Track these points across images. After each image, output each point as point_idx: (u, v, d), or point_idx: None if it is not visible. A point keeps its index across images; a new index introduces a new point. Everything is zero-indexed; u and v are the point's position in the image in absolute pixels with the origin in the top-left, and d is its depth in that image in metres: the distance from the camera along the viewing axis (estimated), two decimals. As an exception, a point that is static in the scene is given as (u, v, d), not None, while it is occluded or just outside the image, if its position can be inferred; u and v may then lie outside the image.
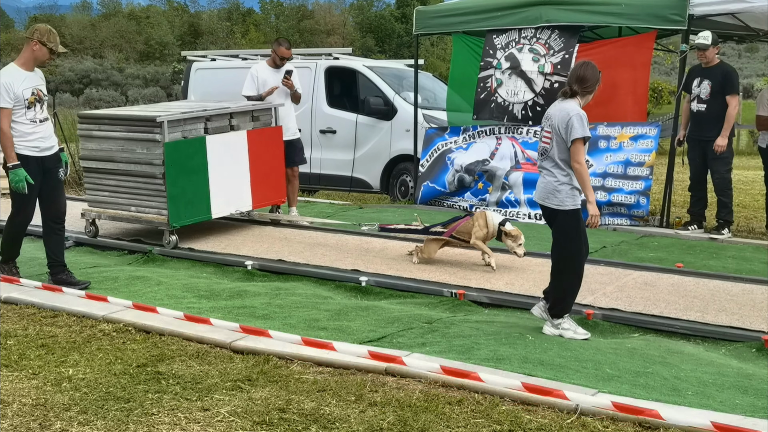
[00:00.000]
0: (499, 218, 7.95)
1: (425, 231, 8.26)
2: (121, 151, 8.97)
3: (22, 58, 7.16)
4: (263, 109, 9.97)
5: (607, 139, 10.54)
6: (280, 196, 10.19)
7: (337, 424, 4.40)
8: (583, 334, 6.11)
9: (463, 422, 4.45)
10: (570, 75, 6.12)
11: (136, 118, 9.03)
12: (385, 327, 6.20)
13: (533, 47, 11.15)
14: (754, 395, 5.05)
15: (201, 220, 9.17)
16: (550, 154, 6.03)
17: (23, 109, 7.04)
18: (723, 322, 6.48)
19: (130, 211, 9.14)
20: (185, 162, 8.84)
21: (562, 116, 5.92)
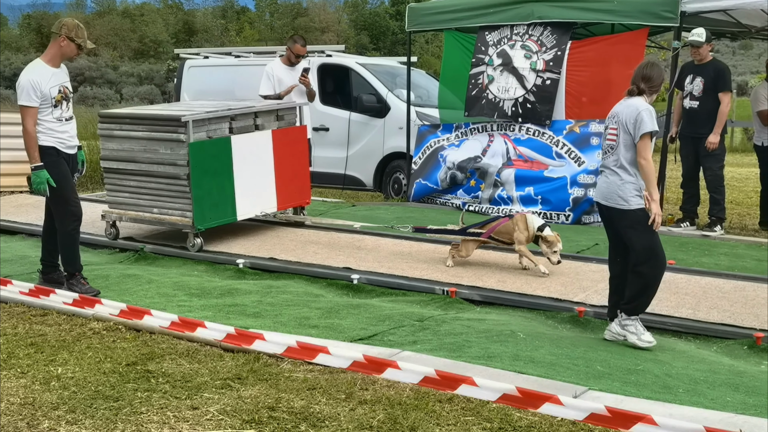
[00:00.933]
0: (539, 222, 7.74)
1: (462, 232, 8.05)
2: (143, 152, 8.74)
3: (48, 53, 6.90)
4: (288, 108, 9.76)
5: (599, 135, 10.53)
6: (305, 197, 9.99)
7: (326, 423, 4.38)
8: (647, 342, 5.90)
9: (453, 420, 4.44)
10: (635, 74, 5.97)
11: (159, 118, 8.79)
12: (376, 325, 6.18)
13: (525, 44, 11.13)
14: (745, 392, 5.04)
15: (226, 222, 8.95)
16: (616, 152, 5.87)
17: (50, 108, 6.80)
18: (715, 319, 6.48)
19: (153, 213, 8.90)
20: (210, 162, 8.63)
21: (631, 111, 5.81)
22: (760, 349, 5.95)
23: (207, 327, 5.86)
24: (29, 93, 6.68)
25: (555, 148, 10.78)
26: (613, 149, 5.91)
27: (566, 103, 10.90)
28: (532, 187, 10.75)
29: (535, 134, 10.97)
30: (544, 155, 10.83)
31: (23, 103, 6.70)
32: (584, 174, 10.47)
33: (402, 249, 8.72)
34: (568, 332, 6.35)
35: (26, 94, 6.69)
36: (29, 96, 6.69)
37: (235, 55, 15.42)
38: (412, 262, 8.16)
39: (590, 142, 10.58)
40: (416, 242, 9.00)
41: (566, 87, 10.90)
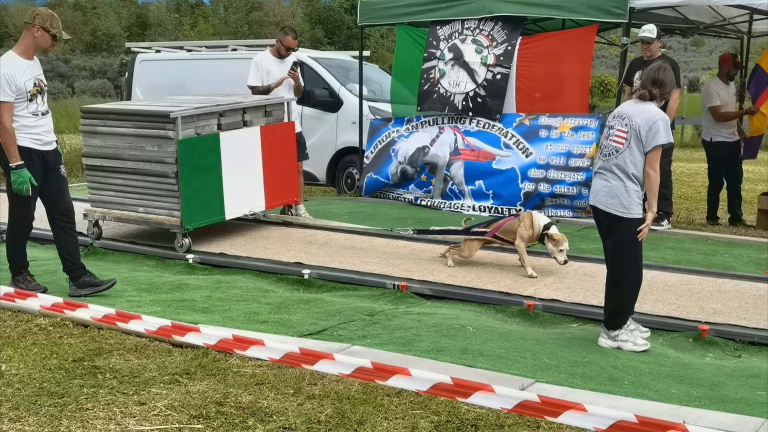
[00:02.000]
0: (545, 220, 7.62)
1: (467, 232, 7.90)
2: (128, 149, 8.43)
3: (21, 45, 6.57)
4: (276, 104, 9.51)
5: (548, 128, 10.62)
6: (293, 195, 9.74)
7: (274, 417, 4.38)
8: (643, 345, 5.84)
9: (402, 414, 4.45)
10: (646, 77, 5.77)
11: (146, 114, 8.47)
12: (326, 320, 6.18)
13: (476, 38, 11.19)
14: (689, 384, 5.12)
15: (214, 221, 8.68)
16: (621, 156, 5.67)
17: (25, 102, 6.47)
18: (660, 312, 6.57)
19: (138, 213, 8.60)
20: (199, 160, 8.34)
21: (647, 118, 5.59)
22: (705, 342, 6.05)
23: (142, 319, 5.87)
24: (4, 88, 6.37)
25: (503, 138, 10.85)
26: (618, 152, 5.69)
27: (517, 98, 10.97)
28: (482, 180, 10.80)
29: (485, 126, 11.03)
30: (492, 145, 10.89)
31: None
32: (534, 168, 10.55)
33: (354, 244, 8.73)
34: (518, 326, 6.40)
35: (1, 89, 6.37)
36: (5, 91, 6.37)
37: (187, 49, 15.32)
38: (363, 256, 8.17)
39: (539, 134, 10.68)
40: (368, 237, 9.02)
41: (517, 82, 10.97)
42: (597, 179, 5.88)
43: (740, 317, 6.41)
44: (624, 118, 5.71)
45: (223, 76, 13.83)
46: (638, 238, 5.71)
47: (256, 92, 9.88)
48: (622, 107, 5.87)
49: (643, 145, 5.62)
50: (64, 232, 6.82)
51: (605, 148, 5.81)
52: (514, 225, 7.66)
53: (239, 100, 9.21)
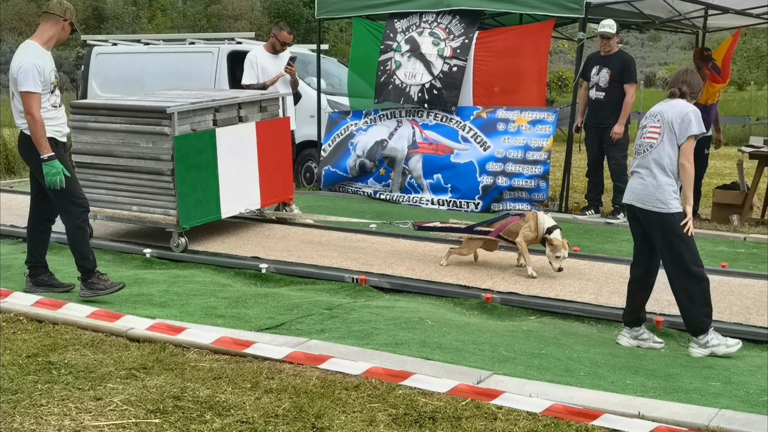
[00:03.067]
0: (549, 223, 7.39)
1: (469, 230, 7.70)
2: (121, 145, 8.12)
3: (44, 35, 6.35)
4: (271, 99, 9.23)
5: (506, 122, 10.68)
6: (288, 192, 9.50)
7: (232, 411, 4.36)
8: (735, 344, 5.73)
9: (359, 407, 4.46)
10: (675, 79, 5.93)
11: (140, 109, 8.17)
12: (284, 314, 6.17)
13: (434, 31, 11.21)
14: (644, 375, 5.18)
15: (211, 220, 8.44)
16: (656, 151, 5.71)
17: (48, 94, 6.29)
18: (616, 304, 6.62)
19: (132, 211, 8.31)
20: (195, 157, 8.07)
21: (678, 111, 5.70)
22: (660, 333, 6.12)
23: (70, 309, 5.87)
24: (35, 78, 6.14)
25: (461, 132, 10.88)
26: (652, 147, 5.74)
27: (474, 92, 11.01)
28: (440, 174, 10.83)
29: (442, 120, 11.05)
30: (450, 139, 10.92)
31: (29, 89, 6.15)
32: (492, 161, 10.60)
33: (312, 238, 8.72)
34: (476, 318, 6.43)
35: (32, 79, 6.14)
36: (35, 81, 6.15)
37: (144, 43, 15.18)
38: (322, 250, 8.16)
39: (497, 127, 10.73)
40: (326, 231, 9.01)
41: (474, 76, 11.01)
42: (632, 178, 5.92)
43: (694, 309, 6.48)
44: (656, 116, 5.81)
45: (181, 69, 13.72)
46: (687, 232, 5.69)
47: (253, 90, 9.63)
48: (655, 107, 5.92)
49: (676, 138, 5.68)
50: (43, 229, 6.74)
51: (640, 146, 5.86)
52: (519, 225, 7.47)
53: (235, 94, 8.97)
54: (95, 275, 6.48)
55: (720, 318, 6.27)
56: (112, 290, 6.45)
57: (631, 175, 5.98)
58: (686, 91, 5.84)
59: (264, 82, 9.68)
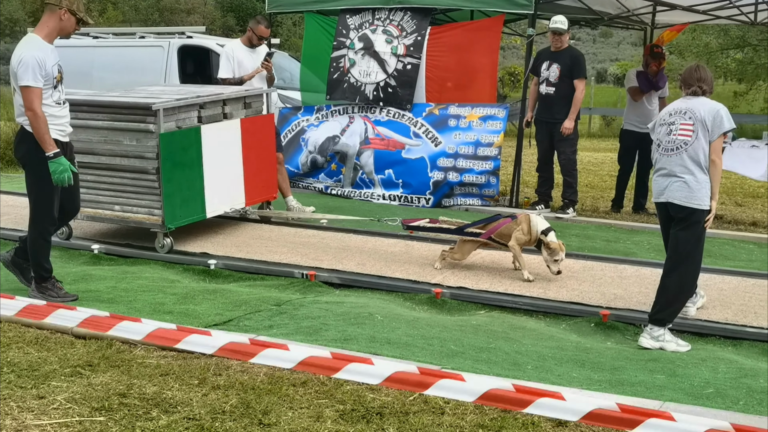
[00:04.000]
0: (543, 225, 7.22)
1: (459, 231, 7.52)
2: (103, 143, 7.84)
3: (45, 28, 6.09)
4: (255, 95, 8.98)
5: (457, 118, 10.72)
6: (272, 191, 9.25)
7: (178, 408, 4.34)
8: (685, 346, 5.79)
9: (307, 403, 4.46)
10: (687, 77, 5.99)
11: (123, 106, 7.87)
12: (232, 310, 6.14)
13: (386, 29, 11.21)
14: (590, 368, 5.23)
15: (196, 220, 8.18)
16: (691, 148, 5.77)
17: (50, 90, 6.04)
18: (564, 298, 6.69)
19: (114, 211, 8.06)
20: (180, 155, 7.84)
21: (709, 108, 5.80)
22: (606, 326, 6.18)
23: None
24: (35, 72, 5.90)
25: (413, 128, 10.90)
26: (687, 144, 5.79)
27: (426, 88, 11.03)
28: (391, 169, 10.84)
29: (395, 116, 11.06)
30: (402, 135, 10.94)
31: (29, 84, 5.90)
32: (443, 157, 10.63)
33: (262, 233, 8.68)
34: (425, 313, 6.44)
35: (32, 72, 5.89)
36: (36, 75, 5.90)
37: (94, 36, 15.01)
38: (271, 246, 8.13)
39: (448, 123, 10.77)
40: (276, 226, 8.98)
41: (427, 71, 11.03)
42: (662, 177, 5.93)
43: (640, 302, 6.57)
44: (685, 113, 5.87)
45: (131, 63, 13.60)
46: (705, 227, 5.82)
47: (228, 85, 9.49)
48: (677, 104, 5.99)
49: (709, 134, 5.76)
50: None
51: (669, 143, 5.88)
52: (511, 227, 7.30)
53: (219, 90, 8.76)
54: (51, 281, 6.35)
55: (665, 311, 6.35)
56: (65, 300, 6.25)
57: (656, 174, 6.00)
58: (706, 89, 5.95)
59: (241, 77, 9.52)
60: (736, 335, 5.98)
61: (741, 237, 9.25)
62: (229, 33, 50.90)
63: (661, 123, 6.00)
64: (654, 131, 6.08)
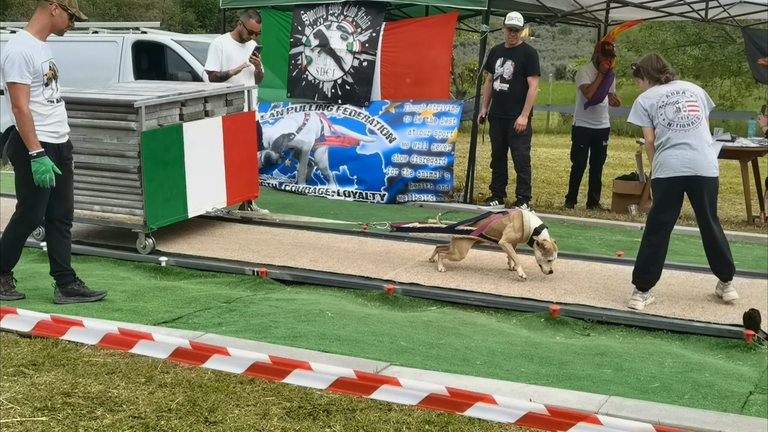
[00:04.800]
0: (536, 223, 7.04)
1: (450, 230, 7.35)
2: (82, 141, 7.53)
3: (35, 24, 5.92)
4: (236, 92, 8.79)
5: (412, 114, 10.74)
6: (254, 190, 9.10)
7: (124, 407, 4.31)
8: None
9: (254, 401, 4.45)
10: (661, 64, 6.46)
11: (103, 103, 7.69)
12: (182, 308, 6.10)
13: (341, 25, 11.18)
14: (539, 363, 5.26)
15: (178, 219, 8.02)
16: (702, 122, 6.26)
17: (41, 87, 5.86)
18: (515, 293, 6.72)
19: (94, 211, 7.85)
20: (162, 154, 7.68)
21: (698, 88, 6.45)
22: (556, 321, 6.21)
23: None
24: (21, 68, 5.73)
25: (369, 125, 10.90)
26: (699, 119, 6.24)
27: (382, 83, 11.03)
28: (346, 165, 10.83)
29: (351, 114, 11.05)
30: (357, 131, 10.92)
31: (15, 80, 5.75)
32: (398, 153, 10.64)
33: (214, 230, 8.63)
34: (377, 310, 6.44)
35: (18, 69, 5.73)
36: (22, 71, 5.73)
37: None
38: (223, 243, 8.08)
39: (403, 120, 10.78)
40: (228, 223, 8.92)
41: (382, 67, 11.03)
42: (684, 150, 6.23)
43: (590, 297, 6.62)
44: (683, 92, 6.35)
45: (84, 59, 13.45)
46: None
47: (214, 78, 9.32)
48: (667, 87, 6.39)
49: (705, 110, 6.36)
50: (60, 234, 6.28)
51: (683, 119, 6.25)
52: (502, 223, 7.14)
53: (200, 87, 8.58)
54: (5, 276, 6.24)
55: (614, 306, 6.41)
56: (11, 298, 6.17)
57: (672, 149, 6.25)
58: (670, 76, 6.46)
59: (227, 71, 9.35)
60: (684, 329, 6.04)
61: (690, 232, 9.33)
62: (189, 28, 50.59)
63: (661, 104, 6.32)
64: (656, 113, 6.33)
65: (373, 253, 7.82)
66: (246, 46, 9.54)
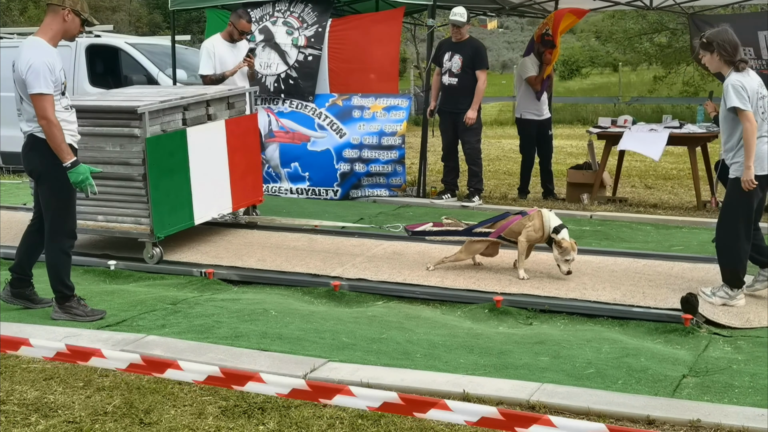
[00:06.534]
0: (556, 222, 6.87)
1: (468, 232, 7.20)
2: (83, 150, 7.18)
3: (48, 30, 5.73)
4: (237, 95, 8.59)
5: (361, 109, 10.77)
6: (258, 194, 8.95)
7: (59, 412, 4.33)
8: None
9: (191, 401, 4.49)
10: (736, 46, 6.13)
11: (105, 109, 7.51)
12: (127, 310, 6.11)
13: (287, 20, 11.19)
14: (478, 354, 5.33)
15: (184, 227, 7.80)
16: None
17: (59, 96, 5.74)
18: (460, 285, 6.78)
19: (97, 221, 7.64)
20: (167, 160, 7.46)
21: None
22: (500, 312, 6.27)
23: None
24: (47, 78, 5.58)
25: (317, 120, 10.91)
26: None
27: (330, 80, 11.06)
28: (297, 162, 10.85)
29: (298, 107, 11.04)
30: (306, 127, 10.94)
31: (42, 91, 5.58)
32: (349, 148, 10.67)
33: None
34: (323, 306, 6.48)
35: (43, 79, 5.56)
36: (47, 81, 5.58)
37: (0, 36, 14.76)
38: (172, 245, 8.06)
39: (352, 114, 10.82)
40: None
41: (329, 63, 11.05)
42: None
43: (534, 287, 6.69)
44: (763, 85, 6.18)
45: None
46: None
47: (209, 81, 9.23)
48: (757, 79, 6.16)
49: None
50: (42, 240, 6.11)
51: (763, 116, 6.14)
52: (522, 224, 6.98)
53: (202, 91, 8.39)
54: (74, 299, 6.08)
55: (557, 295, 6.49)
56: (93, 318, 5.96)
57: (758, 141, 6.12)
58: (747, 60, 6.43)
59: (223, 73, 9.28)
60: (624, 315, 6.13)
61: (639, 219, 9.47)
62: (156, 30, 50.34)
63: (761, 96, 6.16)
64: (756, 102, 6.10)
65: (322, 250, 7.85)
66: (238, 47, 9.49)
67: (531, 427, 3.70)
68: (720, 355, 5.38)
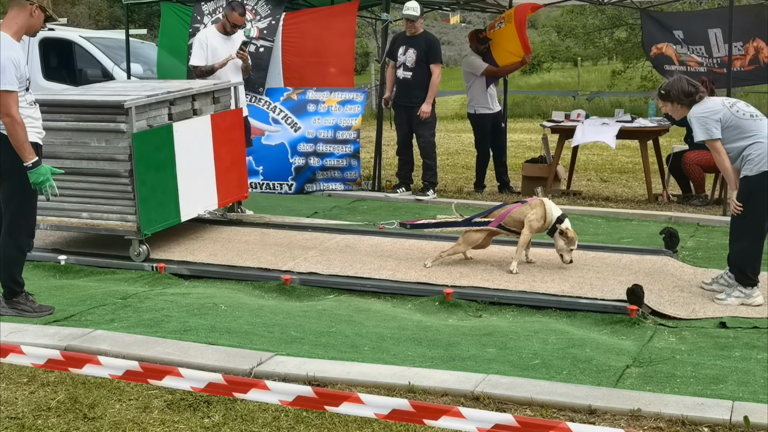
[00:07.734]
0: (558, 212, 6.87)
1: (467, 223, 7.14)
2: (67, 145, 7.23)
3: (14, 25, 5.61)
4: (223, 89, 8.44)
5: (316, 103, 10.79)
6: (243, 190, 8.81)
7: (2, 408, 4.31)
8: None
9: (136, 395, 4.49)
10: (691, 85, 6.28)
11: (90, 104, 7.34)
12: (76, 305, 6.08)
13: (240, 13, 11.16)
14: (426, 346, 5.37)
15: (171, 224, 7.68)
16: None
17: (23, 92, 5.61)
18: (412, 279, 6.81)
19: (82, 219, 7.48)
20: (153, 155, 7.34)
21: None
22: (450, 304, 6.31)
23: None
24: (12, 74, 5.45)
25: (272, 114, 10.90)
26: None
27: (284, 74, 11.05)
28: (252, 156, 10.83)
29: (252, 100, 11.00)
30: (261, 121, 10.92)
31: (8, 88, 5.44)
32: (303, 142, 10.68)
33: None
34: (273, 301, 6.49)
35: (9, 75, 5.44)
36: (12, 78, 5.45)
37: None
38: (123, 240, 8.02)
39: (307, 108, 10.82)
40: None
41: (284, 57, 11.04)
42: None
43: (484, 279, 6.75)
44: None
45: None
46: None
47: (200, 73, 9.14)
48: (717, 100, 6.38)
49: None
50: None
51: (757, 114, 6.24)
52: (522, 212, 6.93)
53: (188, 85, 8.27)
54: (22, 295, 6.01)
55: (507, 287, 6.55)
56: (40, 314, 5.89)
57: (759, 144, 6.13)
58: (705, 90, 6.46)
59: (213, 65, 9.18)
60: (571, 307, 6.20)
61: (590, 212, 9.56)
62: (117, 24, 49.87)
63: (729, 105, 6.24)
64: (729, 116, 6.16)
65: (274, 244, 7.85)
66: (232, 40, 9.36)
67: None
68: (664, 345, 5.47)
